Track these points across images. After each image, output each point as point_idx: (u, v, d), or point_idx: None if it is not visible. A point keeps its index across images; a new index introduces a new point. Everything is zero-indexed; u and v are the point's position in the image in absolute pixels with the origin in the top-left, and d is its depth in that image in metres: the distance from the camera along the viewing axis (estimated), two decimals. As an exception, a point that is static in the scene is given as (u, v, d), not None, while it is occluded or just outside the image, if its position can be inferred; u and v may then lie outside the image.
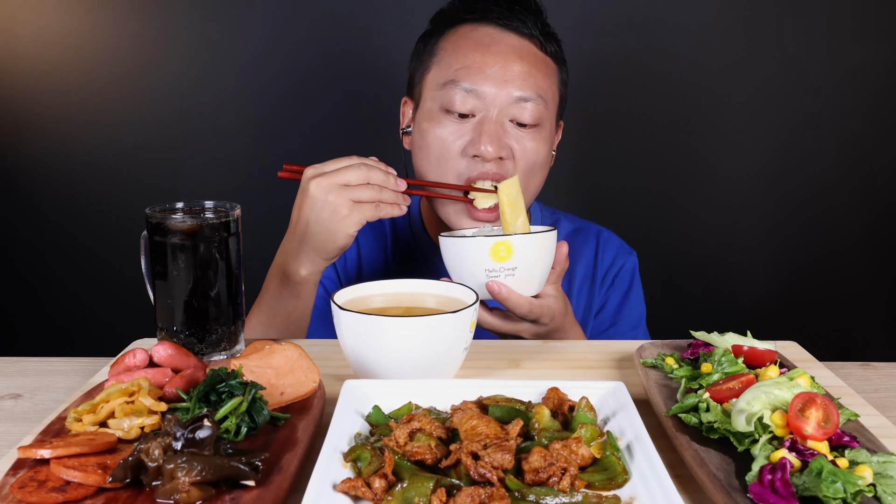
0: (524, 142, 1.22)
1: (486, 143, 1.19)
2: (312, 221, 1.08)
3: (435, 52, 1.27)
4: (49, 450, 0.64)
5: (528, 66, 1.22)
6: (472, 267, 1.04)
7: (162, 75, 2.18)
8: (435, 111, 1.24)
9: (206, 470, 0.60)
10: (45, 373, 0.99)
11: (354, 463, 0.66)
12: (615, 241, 1.44)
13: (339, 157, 1.10)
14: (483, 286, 1.04)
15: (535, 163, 1.24)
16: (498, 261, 1.02)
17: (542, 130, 1.24)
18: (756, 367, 0.83)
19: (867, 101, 2.19)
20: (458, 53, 1.23)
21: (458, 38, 1.25)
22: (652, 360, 0.90)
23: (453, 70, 1.22)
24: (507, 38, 1.23)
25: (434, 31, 1.30)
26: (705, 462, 0.66)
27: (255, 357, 0.81)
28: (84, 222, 2.25)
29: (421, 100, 1.28)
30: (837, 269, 2.27)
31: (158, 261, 0.93)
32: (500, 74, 1.20)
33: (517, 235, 1.03)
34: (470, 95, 1.20)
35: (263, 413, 0.73)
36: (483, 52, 1.22)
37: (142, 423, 0.71)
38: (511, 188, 1.12)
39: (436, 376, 0.86)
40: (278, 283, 1.16)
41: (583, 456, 0.65)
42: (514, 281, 1.04)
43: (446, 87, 1.22)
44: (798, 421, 0.66)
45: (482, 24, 1.25)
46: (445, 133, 1.22)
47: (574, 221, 1.46)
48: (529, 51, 1.24)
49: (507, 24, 1.24)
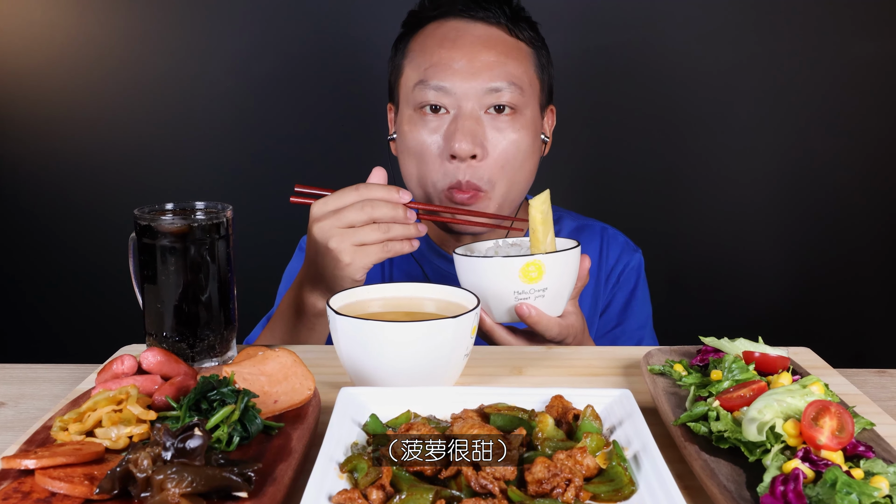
0: (503, 132, 1.23)
1: (459, 139, 1.19)
2: (319, 265, 1.07)
3: (406, 53, 1.29)
4: (34, 460, 0.64)
5: (496, 55, 1.23)
6: (500, 289, 1.00)
7: (151, 72, 2.18)
8: (411, 113, 1.26)
9: (196, 481, 0.60)
10: (30, 380, 0.99)
11: (351, 474, 0.65)
12: (620, 238, 1.44)
13: (344, 189, 1.05)
14: (510, 309, 1.02)
15: (514, 156, 1.24)
16: (529, 282, 0.99)
17: (520, 118, 1.24)
18: (768, 375, 0.83)
19: (882, 97, 2.19)
20: (426, 52, 1.25)
21: (425, 36, 1.27)
22: (660, 367, 0.90)
23: (423, 70, 1.24)
24: (472, 28, 1.25)
25: (405, 35, 1.31)
26: (715, 473, 0.66)
27: (247, 364, 0.81)
28: (70, 223, 2.25)
29: (399, 103, 1.30)
30: (852, 272, 2.27)
31: (147, 264, 0.93)
32: (467, 67, 1.21)
33: (549, 255, 1.00)
34: (441, 93, 1.22)
35: (256, 422, 0.73)
36: (449, 48, 1.23)
37: (130, 432, 0.71)
38: (544, 204, 1.07)
39: (435, 384, 0.86)
40: (293, 314, 1.16)
41: (588, 466, 0.65)
42: (544, 302, 1.01)
43: (417, 87, 1.24)
44: (811, 430, 0.66)
45: (448, 18, 1.27)
46: (423, 134, 1.24)
47: (577, 219, 1.47)
48: (498, 38, 1.24)
49: (473, 16, 1.25)
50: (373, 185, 1.05)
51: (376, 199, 1.03)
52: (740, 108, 2.20)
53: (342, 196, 1.04)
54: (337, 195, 1.05)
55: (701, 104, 2.19)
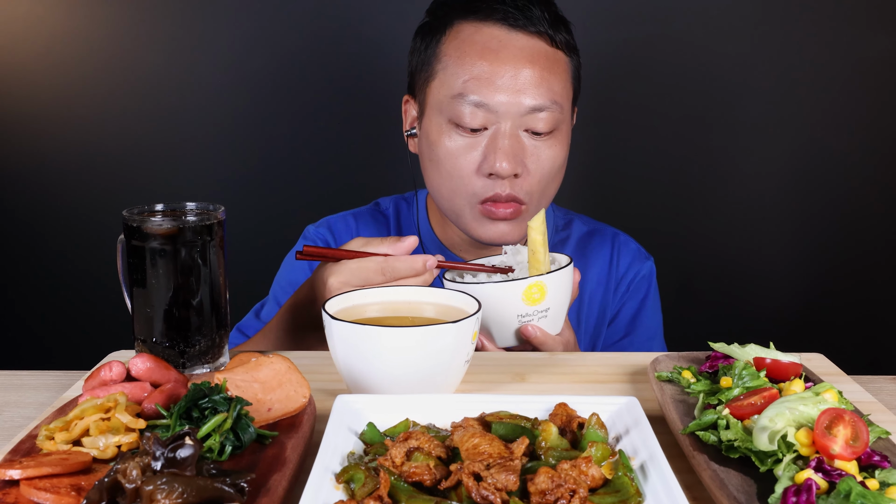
0: (540, 150, 1.23)
1: (501, 160, 1.19)
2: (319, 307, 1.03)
3: (439, 57, 1.26)
4: (19, 470, 0.64)
5: (539, 70, 1.21)
6: (502, 312, 1.01)
7: (141, 67, 2.18)
8: (443, 124, 1.24)
9: (187, 492, 0.60)
10: (14, 387, 0.98)
11: (347, 484, 0.66)
12: (632, 245, 1.44)
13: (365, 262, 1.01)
14: (513, 332, 1.03)
15: (551, 170, 1.25)
16: (531, 304, 1.00)
17: (558, 135, 1.25)
18: (779, 382, 0.83)
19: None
20: (465, 62, 1.22)
21: (461, 42, 1.24)
22: (667, 374, 0.90)
23: (461, 82, 1.21)
24: (515, 39, 1.22)
25: (434, 28, 1.28)
26: (725, 483, 0.66)
27: (240, 370, 0.81)
28: (56, 225, 2.25)
29: (426, 107, 1.28)
30: (867, 275, 2.27)
31: (136, 267, 0.93)
32: (510, 84, 1.20)
33: (550, 275, 1.01)
34: (480, 109, 1.20)
35: (249, 430, 0.73)
36: (491, 60, 1.21)
37: (118, 441, 0.71)
38: (542, 225, 1.07)
39: (435, 391, 0.86)
40: (285, 334, 1.14)
41: (593, 477, 0.65)
42: (546, 322, 1.03)
43: (454, 100, 1.22)
44: (825, 439, 0.66)
45: (487, 23, 1.23)
46: (456, 148, 1.22)
47: (588, 223, 1.46)
48: (540, 52, 1.23)
49: (515, 24, 1.22)
50: (397, 263, 1.01)
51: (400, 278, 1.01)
52: (751, 107, 2.20)
53: (363, 272, 1.01)
54: (357, 271, 1.01)
55: (710, 103, 2.19)
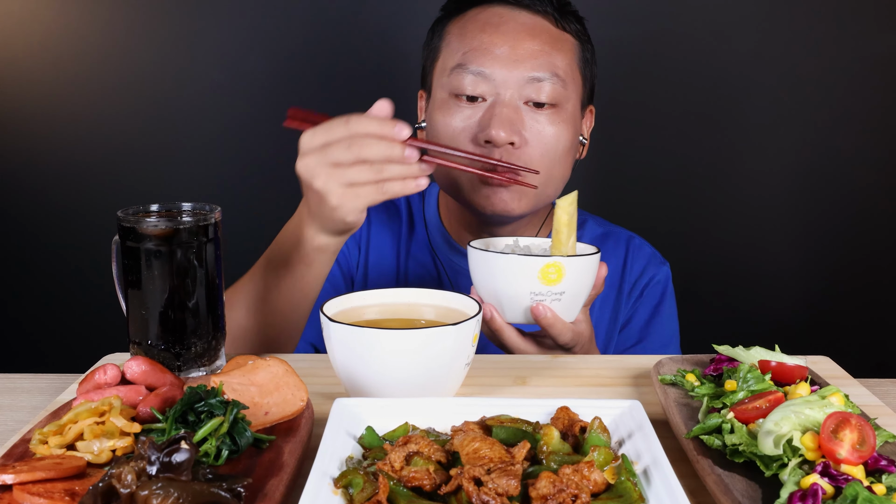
0: (541, 125, 1.22)
1: (496, 126, 1.19)
2: (310, 202, 1.03)
3: (443, 36, 1.29)
4: (12, 475, 0.64)
5: (540, 44, 1.23)
6: (516, 288, 1.00)
7: (136, 65, 2.18)
8: (445, 98, 1.25)
9: (183, 497, 0.60)
10: (7, 391, 0.98)
11: (346, 489, 0.66)
12: (647, 248, 1.43)
13: (334, 120, 0.98)
14: (525, 309, 1.02)
15: (554, 148, 1.24)
16: (547, 284, 0.99)
17: (561, 112, 1.24)
18: (785, 385, 0.83)
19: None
20: (466, 36, 1.25)
21: (465, 20, 1.27)
22: (671, 377, 0.90)
23: (461, 54, 1.24)
24: (517, 15, 1.25)
25: (443, 18, 1.32)
26: (729, 488, 0.66)
27: (236, 373, 0.81)
28: (50, 225, 2.25)
29: (432, 88, 1.30)
30: (874, 277, 2.27)
31: (131, 268, 0.93)
32: (510, 54, 1.21)
33: (570, 258, 1.00)
34: (479, 78, 1.22)
35: (246, 434, 0.73)
36: (491, 33, 1.23)
37: (113, 445, 0.71)
38: (571, 206, 1.05)
39: (435, 394, 0.86)
40: (291, 246, 1.10)
41: (595, 481, 0.65)
42: (560, 306, 1.02)
43: (454, 71, 1.23)
44: (831, 443, 0.66)
45: (492, 4, 1.27)
46: (456, 120, 1.23)
47: (602, 225, 1.46)
48: (543, 28, 1.25)
49: (518, 3, 1.26)
50: (365, 119, 0.98)
51: (368, 134, 0.97)
52: (757, 107, 2.20)
53: (331, 129, 0.98)
54: (326, 127, 0.98)
55: (715, 102, 2.19)
